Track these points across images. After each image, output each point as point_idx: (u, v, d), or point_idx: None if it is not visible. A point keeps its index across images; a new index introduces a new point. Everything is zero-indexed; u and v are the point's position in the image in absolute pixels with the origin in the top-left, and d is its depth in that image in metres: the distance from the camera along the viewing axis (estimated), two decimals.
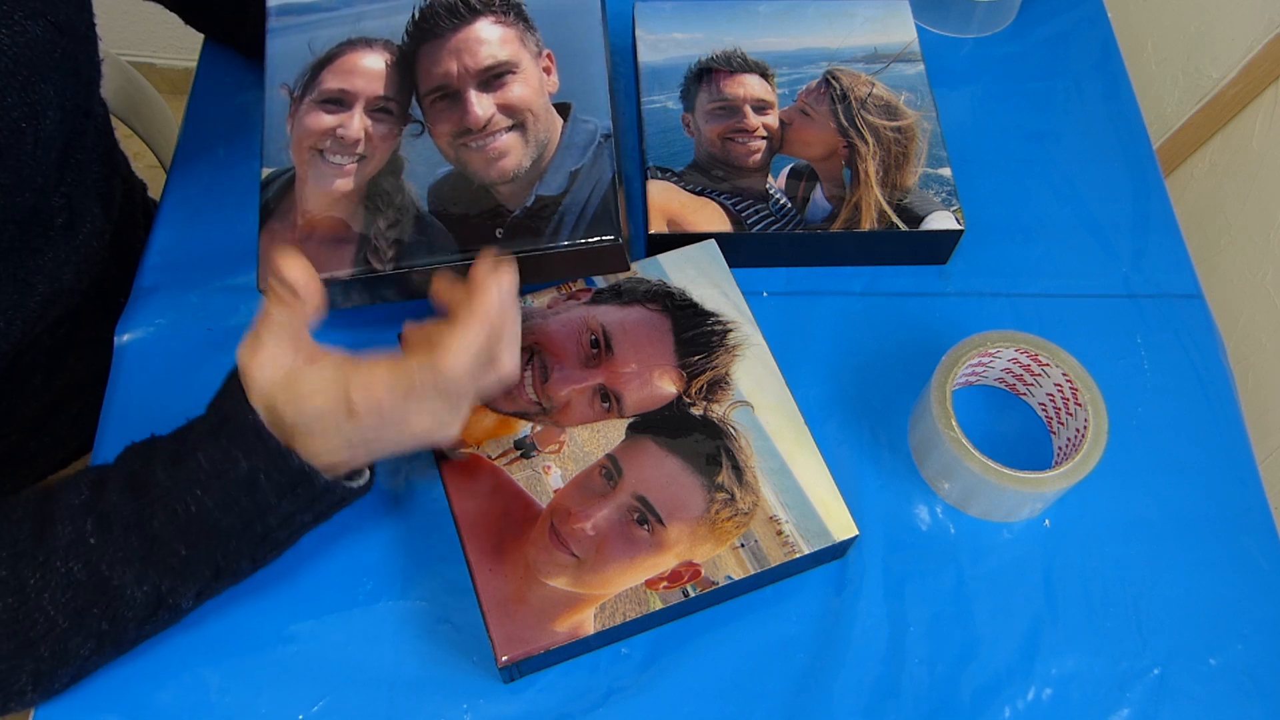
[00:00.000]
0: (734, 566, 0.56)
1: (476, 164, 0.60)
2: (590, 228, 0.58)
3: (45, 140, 0.56)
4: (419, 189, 0.60)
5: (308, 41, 0.64)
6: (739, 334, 0.63)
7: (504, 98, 0.61)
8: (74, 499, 0.49)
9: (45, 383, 0.69)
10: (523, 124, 0.60)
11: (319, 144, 0.61)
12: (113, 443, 0.63)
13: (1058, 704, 0.57)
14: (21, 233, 0.58)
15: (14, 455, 0.72)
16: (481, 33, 0.63)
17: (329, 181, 0.60)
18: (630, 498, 0.57)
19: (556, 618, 0.54)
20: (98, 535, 0.48)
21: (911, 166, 0.70)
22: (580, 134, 0.60)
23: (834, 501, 0.58)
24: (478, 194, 0.59)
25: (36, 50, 0.53)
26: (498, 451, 0.59)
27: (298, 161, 0.61)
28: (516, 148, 0.60)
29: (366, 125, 0.61)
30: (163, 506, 0.48)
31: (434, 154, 0.60)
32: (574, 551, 0.56)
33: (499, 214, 0.59)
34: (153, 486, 0.48)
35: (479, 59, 0.62)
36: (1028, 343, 0.61)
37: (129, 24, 1.64)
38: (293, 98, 0.62)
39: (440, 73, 0.62)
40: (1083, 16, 0.85)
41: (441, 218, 0.59)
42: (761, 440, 0.59)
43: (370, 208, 0.59)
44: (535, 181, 0.59)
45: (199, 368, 0.66)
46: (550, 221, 0.58)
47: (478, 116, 0.60)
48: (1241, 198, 0.93)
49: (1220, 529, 0.62)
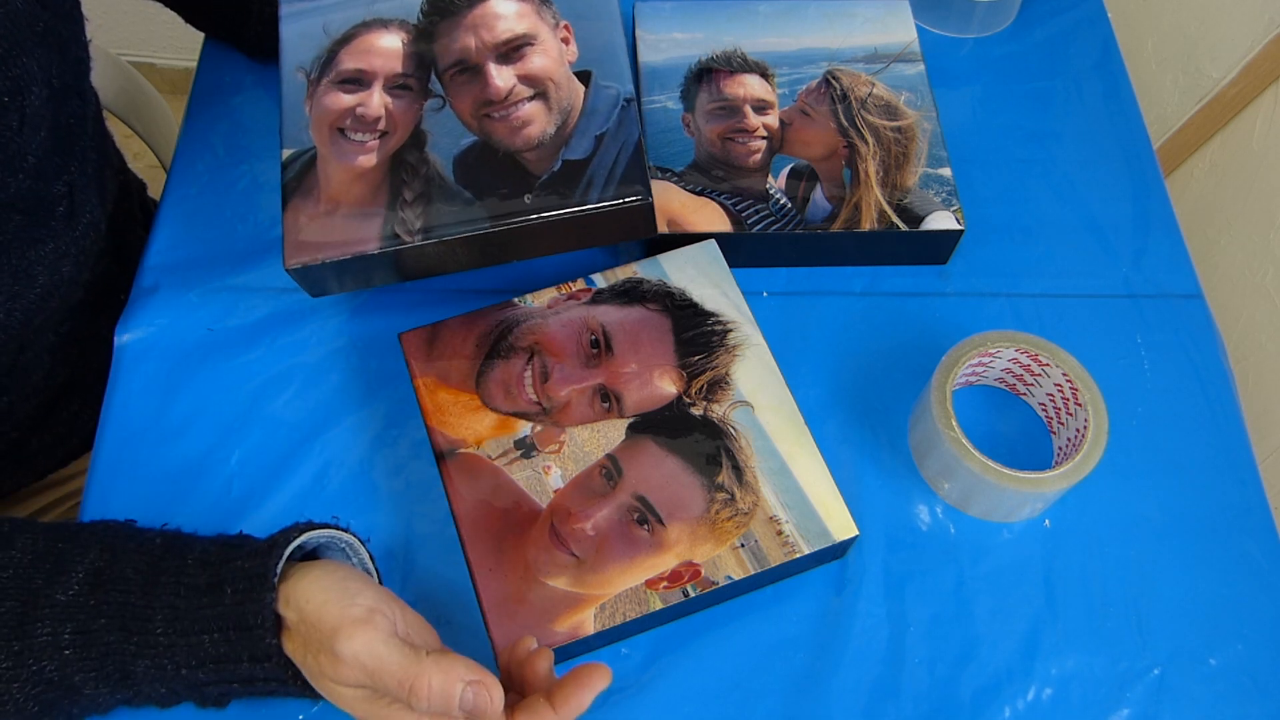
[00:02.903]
0: (734, 566, 0.56)
1: (501, 133, 0.60)
2: (620, 187, 0.58)
3: (32, 118, 0.55)
4: (444, 161, 0.60)
5: (322, 25, 0.64)
6: (739, 334, 0.63)
7: (524, 69, 0.61)
8: (60, 594, 0.49)
9: (46, 380, 0.69)
10: (544, 93, 0.61)
11: (340, 123, 0.61)
12: (112, 443, 0.63)
13: (1058, 704, 0.57)
14: (26, 222, 0.58)
15: (14, 452, 0.72)
16: (498, 8, 0.63)
17: (352, 158, 0.60)
18: (630, 498, 0.57)
19: (556, 618, 0.54)
20: (74, 649, 0.48)
21: (911, 166, 0.70)
22: (603, 99, 0.61)
23: (834, 501, 0.58)
24: (504, 162, 0.59)
25: (17, 23, 0.53)
26: (498, 451, 0.59)
27: (318, 141, 0.61)
28: (540, 115, 0.60)
29: (387, 102, 0.61)
30: (147, 656, 0.48)
31: (457, 126, 0.60)
32: (574, 551, 0.56)
33: (527, 180, 0.59)
34: (146, 635, 0.48)
35: (496, 33, 0.62)
36: (1028, 343, 0.61)
37: (129, 24, 1.64)
38: (309, 80, 0.62)
39: (458, 48, 0.62)
40: (1083, 16, 0.85)
41: (469, 187, 0.59)
42: (761, 440, 0.59)
43: (395, 181, 0.59)
44: (561, 146, 0.59)
45: (199, 368, 0.66)
46: (579, 184, 0.58)
47: (499, 88, 0.61)
48: (1241, 198, 0.93)
49: (1220, 529, 0.62)
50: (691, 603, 0.56)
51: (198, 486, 0.62)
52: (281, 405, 0.65)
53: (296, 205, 0.59)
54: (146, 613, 0.48)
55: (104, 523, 0.54)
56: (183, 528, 0.60)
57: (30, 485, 0.77)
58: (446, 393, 0.61)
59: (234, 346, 0.67)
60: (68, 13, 0.59)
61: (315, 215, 0.59)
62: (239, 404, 0.65)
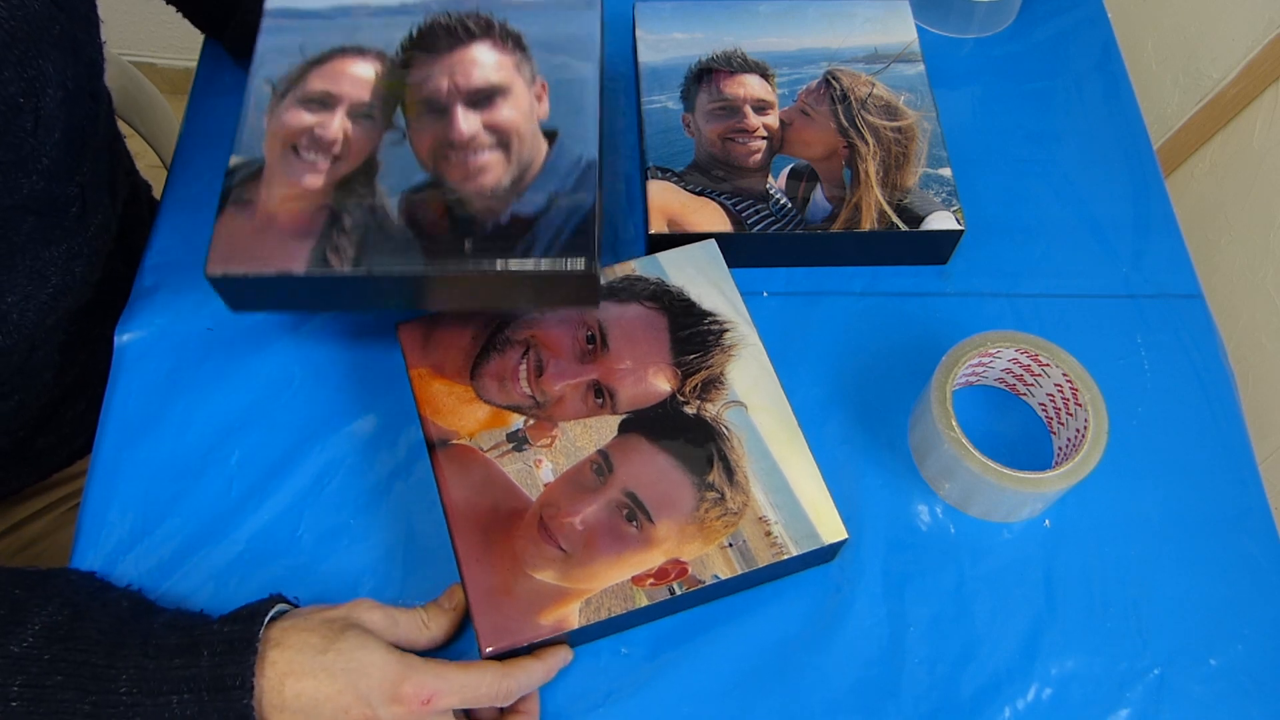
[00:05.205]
0: (721, 566, 0.56)
1: (455, 176, 0.58)
2: (563, 251, 0.56)
3: (46, 119, 0.55)
4: (391, 194, 0.58)
5: (300, 44, 0.63)
6: (735, 334, 0.63)
7: (491, 118, 0.60)
8: (14, 645, 0.48)
9: (55, 379, 0.69)
10: (507, 144, 0.59)
11: (294, 140, 0.59)
12: (112, 443, 0.63)
13: (1058, 704, 0.57)
14: (40, 223, 0.58)
15: (19, 451, 0.72)
16: (477, 55, 0.62)
17: (300, 176, 0.58)
18: (620, 494, 0.57)
19: (541, 610, 0.54)
20: (22, 701, 0.48)
21: (912, 167, 0.70)
22: (565, 159, 0.59)
23: (824, 504, 0.57)
24: (451, 205, 0.57)
25: (34, 25, 0.53)
26: (490, 443, 0.59)
27: (269, 154, 0.59)
28: (498, 165, 0.59)
29: (346, 127, 0.60)
30: (104, 718, 0.48)
31: (411, 161, 0.59)
32: (562, 545, 0.56)
33: (470, 227, 0.57)
34: (107, 694, 0.48)
35: (471, 79, 0.61)
36: (1028, 343, 0.61)
37: (129, 24, 1.64)
38: (275, 93, 0.61)
39: (431, 86, 0.61)
40: (1083, 16, 0.85)
41: (411, 224, 0.57)
42: (754, 441, 0.59)
43: (337, 206, 0.57)
44: (513, 199, 0.58)
45: (199, 368, 0.66)
46: (522, 240, 0.56)
47: (462, 131, 0.59)
48: (1241, 198, 0.93)
49: (1220, 529, 0.62)
50: (678, 601, 0.56)
51: (198, 486, 0.62)
52: (281, 405, 0.65)
53: (231, 214, 0.57)
54: (110, 673, 0.48)
55: (67, 575, 0.54)
56: (183, 533, 0.60)
57: (34, 484, 0.77)
58: (441, 384, 0.61)
59: (234, 346, 0.67)
60: (84, 15, 0.59)
61: (248, 227, 0.57)
62: (239, 404, 0.65)
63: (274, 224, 0.57)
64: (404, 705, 0.49)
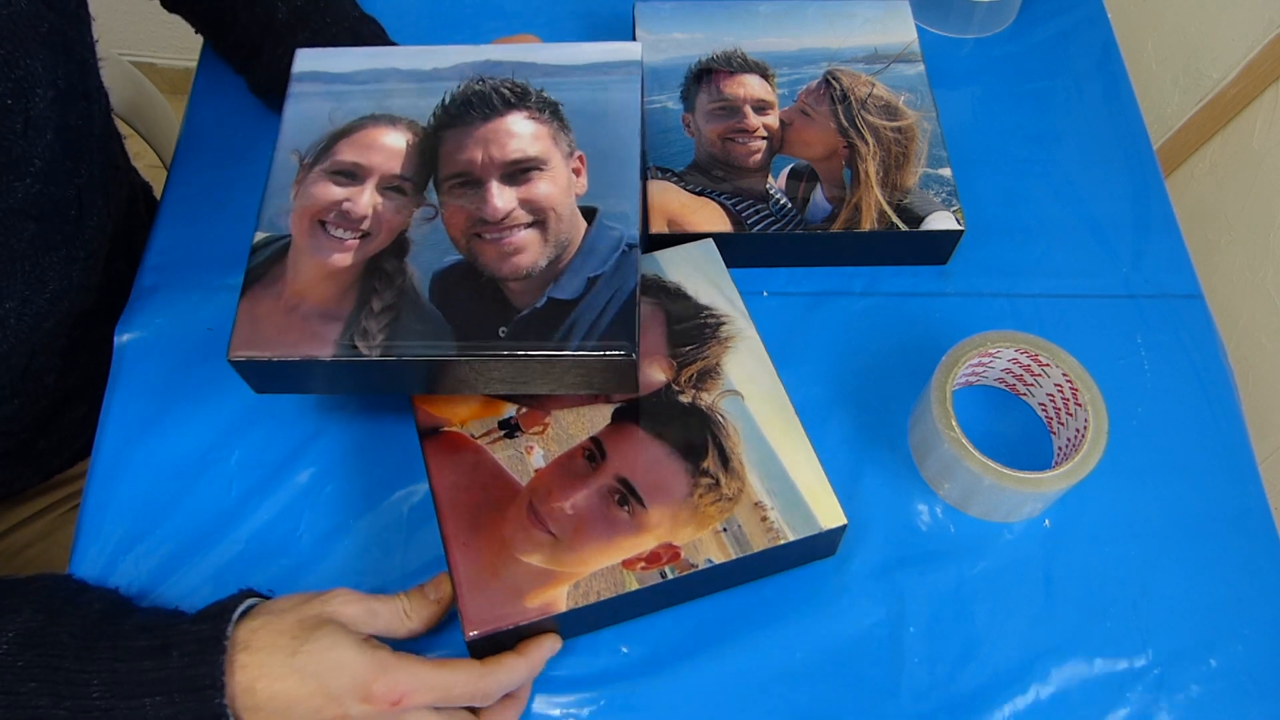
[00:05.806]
0: (715, 550, 0.55)
1: (489, 256, 0.56)
2: (604, 338, 0.53)
3: (37, 120, 0.54)
4: (422, 275, 0.55)
5: (329, 112, 0.61)
6: (732, 327, 0.63)
7: (527, 193, 0.58)
8: None
9: (58, 382, 0.69)
10: (544, 221, 0.57)
11: (323, 215, 0.57)
12: (112, 443, 0.63)
13: (1058, 704, 0.57)
14: (38, 229, 0.58)
15: (20, 453, 0.72)
16: (513, 126, 0.60)
17: (327, 254, 0.56)
18: (612, 479, 0.57)
19: (528, 594, 0.54)
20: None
21: (911, 167, 0.70)
22: (604, 239, 0.57)
23: (822, 490, 0.57)
24: (485, 288, 0.55)
25: (20, 24, 0.52)
26: (481, 431, 0.59)
27: (296, 230, 0.57)
28: (534, 245, 0.56)
29: (376, 202, 0.58)
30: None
31: (444, 240, 0.56)
32: (551, 530, 0.55)
33: (505, 312, 0.54)
34: (80, 699, 0.48)
35: (506, 151, 0.59)
36: (1028, 343, 0.61)
37: (129, 24, 1.64)
38: (302, 164, 0.59)
39: (464, 159, 0.59)
40: (1083, 17, 0.85)
41: (442, 308, 0.55)
42: (750, 429, 0.59)
43: (366, 287, 0.55)
44: (550, 282, 0.55)
45: (199, 368, 0.66)
46: (560, 326, 0.54)
47: (497, 208, 0.57)
48: (1241, 198, 0.93)
49: (1220, 529, 0.62)
50: (671, 586, 0.55)
51: (198, 486, 0.62)
52: (281, 405, 0.65)
53: (256, 294, 0.56)
54: (82, 677, 0.48)
55: (43, 580, 0.54)
56: (183, 533, 0.60)
57: (35, 485, 0.77)
58: None
59: None
60: (73, 13, 0.58)
61: (274, 308, 0.55)
62: (239, 404, 0.65)
63: (301, 305, 0.55)
64: (373, 704, 0.49)
